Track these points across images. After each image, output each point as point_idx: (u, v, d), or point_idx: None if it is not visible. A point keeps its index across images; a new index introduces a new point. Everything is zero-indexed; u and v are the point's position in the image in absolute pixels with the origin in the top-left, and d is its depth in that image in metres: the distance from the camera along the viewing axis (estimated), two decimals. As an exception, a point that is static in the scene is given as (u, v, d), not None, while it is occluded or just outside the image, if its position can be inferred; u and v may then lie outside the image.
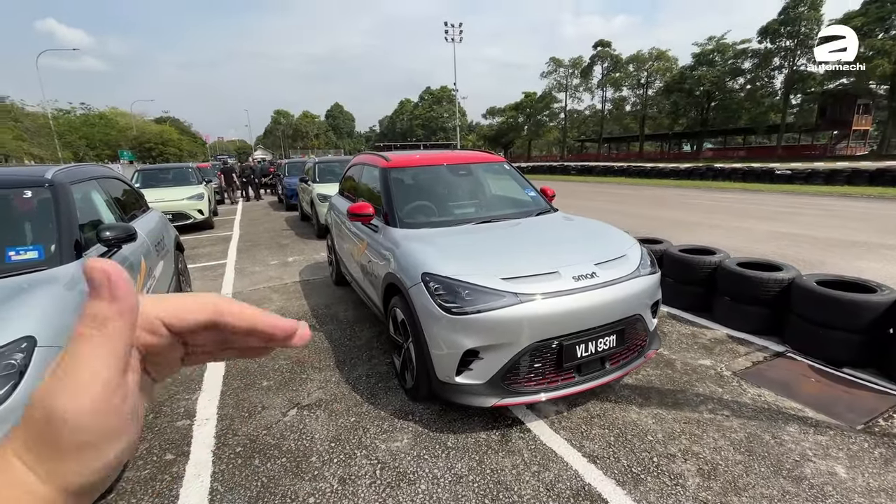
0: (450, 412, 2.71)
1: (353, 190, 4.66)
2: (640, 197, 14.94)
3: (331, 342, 3.81)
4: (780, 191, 15.18)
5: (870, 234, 7.37)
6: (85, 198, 3.12)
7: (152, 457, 2.42)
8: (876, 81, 34.89)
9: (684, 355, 3.37)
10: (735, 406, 2.69)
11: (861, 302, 3.02)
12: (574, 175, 29.22)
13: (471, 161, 4.12)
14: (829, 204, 11.50)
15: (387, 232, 3.25)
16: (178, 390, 3.10)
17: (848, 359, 3.12)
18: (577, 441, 2.42)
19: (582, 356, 2.46)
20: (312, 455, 2.38)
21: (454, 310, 2.35)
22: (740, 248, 6.61)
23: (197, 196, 9.85)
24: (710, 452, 2.29)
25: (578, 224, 3.44)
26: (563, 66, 57.64)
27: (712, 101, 45.71)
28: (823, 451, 2.28)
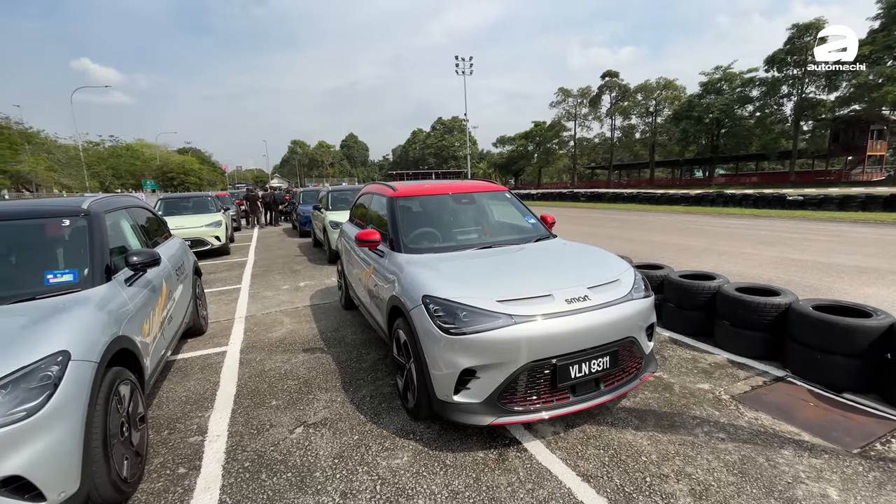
0: (449, 431, 2.79)
1: (363, 217, 4.90)
2: (648, 223, 14.99)
3: (338, 364, 3.94)
4: (792, 216, 15.08)
5: (880, 261, 7.30)
6: (115, 225, 3.39)
7: (166, 470, 2.55)
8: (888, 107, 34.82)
9: (683, 379, 3.41)
10: (731, 429, 2.73)
11: (855, 327, 3.06)
12: (583, 202, 29.40)
13: (474, 190, 4.33)
14: (842, 230, 11.40)
15: (392, 257, 3.43)
16: (192, 409, 3.25)
17: (848, 384, 3.13)
18: (572, 460, 2.48)
19: (576, 377, 2.55)
20: (317, 470, 2.48)
21: (452, 330, 2.48)
22: (745, 273, 6.62)
23: (215, 223, 10.26)
24: (703, 473, 2.33)
25: (575, 249, 3.58)
26: (571, 96, 58.94)
27: (722, 128, 45.98)
28: (817, 473, 2.30)
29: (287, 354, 4.22)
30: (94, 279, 2.65)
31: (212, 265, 9.23)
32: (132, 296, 2.86)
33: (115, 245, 3.13)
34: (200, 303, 4.93)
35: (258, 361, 4.08)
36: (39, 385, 1.82)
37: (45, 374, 1.85)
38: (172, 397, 3.44)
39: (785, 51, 39.85)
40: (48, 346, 1.94)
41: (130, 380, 2.47)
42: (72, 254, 2.83)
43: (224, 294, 6.78)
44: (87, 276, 2.65)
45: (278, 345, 4.49)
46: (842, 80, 37.03)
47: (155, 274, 3.40)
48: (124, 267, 2.99)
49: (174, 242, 4.69)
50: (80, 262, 2.73)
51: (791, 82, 40.94)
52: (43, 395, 1.80)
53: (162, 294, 3.45)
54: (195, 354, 4.31)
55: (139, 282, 3.07)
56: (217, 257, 10.30)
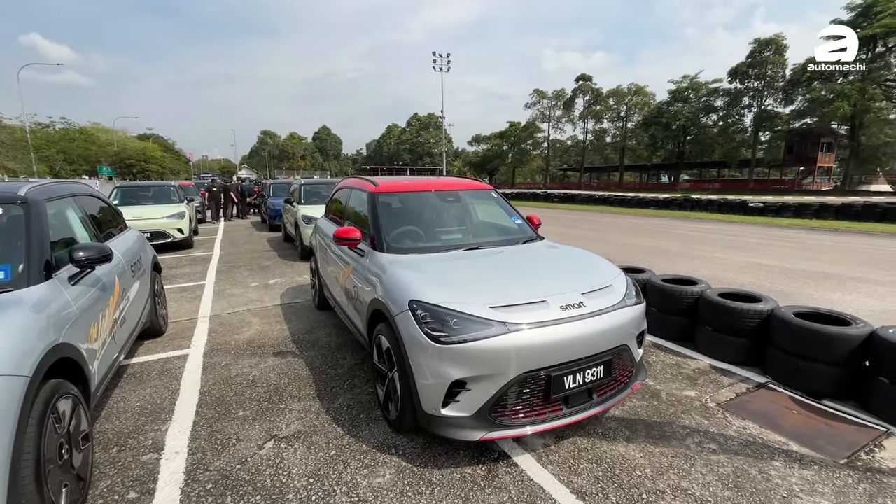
0: (435, 445, 2.62)
1: (340, 213, 4.63)
2: (622, 225, 15.29)
3: (311, 370, 3.69)
4: (754, 222, 15.75)
5: (840, 267, 7.66)
6: (59, 215, 3.00)
7: (114, 495, 2.25)
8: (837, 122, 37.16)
9: (669, 386, 3.37)
10: (721, 439, 2.68)
11: (836, 335, 3.09)
12: (557, 203, 29.82)
13: (459, 188, 4.15)
14: (801, 236, 11.97)
15: (373, 257, 3.21)
16: (147, 421, 2.93)
17: (827, 391, 3.17)
18: (565, 476, 2.35)
19: (570, 388, 2.43)
20: (289, 492, 2.24)
21: (442, 339, 2.30)
22: (719, 277, 6.77)
23: (178, 215, 9.64)
24: (699, 488, 2.25)
25: (564, 253, 3.47)
26: (546, 98, 59.79)
27: (688, 135, 47.89)
28: (810, 486, 2.27)
29: (256, 358, 3.92)
30: (31, 277, 2.30)
31: (173, 259, 8.65)
32: (77, 296, 2.52)
33: (58, 238, 2.77)
34: (159, 301, 4.53)
35: (223, 366, 3.76)
36: (-48, 407, 1.51)
37: (-41, 394, 1.54)
38: (124, 408, 3.10)
39: (747, 64, 41.83)
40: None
41: (72, 393, 2.15)
42: (4, 247, 2.45)
43: (186, 291, 6.33)
44: (22, 273, 2.30)
45: (246, 347, 4.17)
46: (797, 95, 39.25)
47: (106, 271, 3.05)
48: (68, 263, 2.63)
49: (130, 235, 4.28)
50: (13, 257, 2.37)
51: (752, 94, 43.04)
52: (-44, 420, 1.50)
53: (114, 293, 3.09)
54: (152, 358, 3.94)
55: (86, 280, 2.72)
56: (179, 251, 9.68)
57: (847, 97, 33.42)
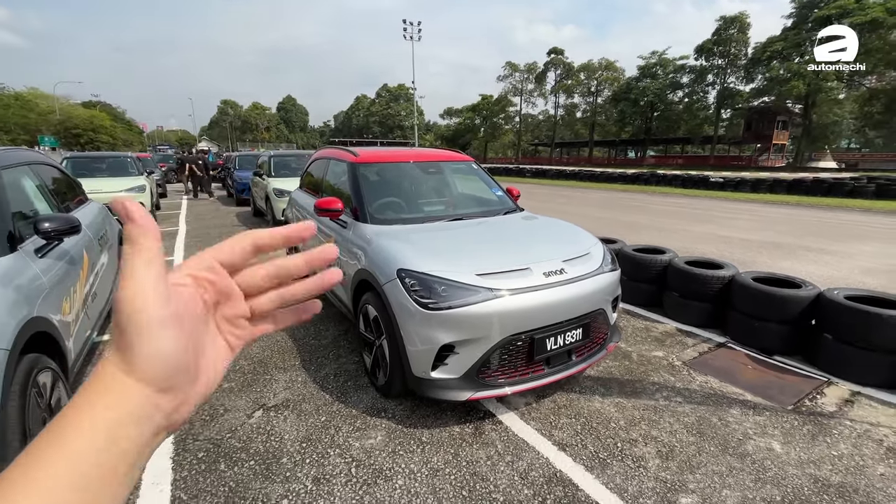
0: (422, 408, 2.72)
1: (317, 185, 4.53)
2: (592, 200, 15.68)
3: (294, 342, 3.69)
4: (715, 197, 16.52)
5: (791, 238, 8.22)
6: (15, 185, 2.81)
7: (102, 467, 2.23)
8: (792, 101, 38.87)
9: (639, 347, 3.60)
10: (686, 393, 2.92)
11: (789, 297, 3.37)
12: (529, 178, 30.07)
13: (440, 159, 4.15)
14: (757, 209, 12.68)
15: (357, 228, 3.20)
16: (127, 395, 2.87)
17: (779, 348, 3.48)
18: (547, 431, 2.52)
19: (551, 349, 2.56)
20: (283, 456, 2.30)
21: (430, 305, 2.36)
22: (684, 247, 7.13)
23: (138, 188, 9.09)
24: (667, 436, 2.47)
25: (544, 223, 3.57)
26: (518, 71, 59.19)
27: (655, 112, 48.86)
28: (762, 429, 2.53)
29: (235, 332, 3.88)
30: (-7, 248, 2.17)
31: (135, 235, 8.24)
32: (46, 269, 2.40)
33: (17, 209, 2.60)
34: (128, 277, 4.35)
35: (202, 341, 3.70)
36: (-70, 381, 1.45)
37: (-64, 367, 1.48)
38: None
39: (713, 41, 42.67)
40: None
41: (51, 367, 2.09)
42: (-41, 218, 2.29)
43: (153, 267, 6.08)
44: (-16, 245, 2.17)
45: (224, 322, 4.11)
46: (757, 73, 40.61)
47: (73, 243, 2.90)
48: (33, 235, 2.49)
49: (92, 207, 4.05)
50: (-28, 228, 2.22)
51: (716, 72, 44.15)
52: (-64, 393, 1.44)
53: (83, 266, 2.96)
54: (125, 335, 3.82)
55: (53, 253, 2.58)
56: (140, 226, 9.20)
57: (803, 77, 34.88)
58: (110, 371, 0.29)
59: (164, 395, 0.30)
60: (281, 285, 0.38)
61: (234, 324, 0.36)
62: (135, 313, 0.28)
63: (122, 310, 0.28)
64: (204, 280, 0.34)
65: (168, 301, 0.30)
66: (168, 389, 0.30)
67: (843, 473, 2.20)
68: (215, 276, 0.34)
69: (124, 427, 0.28)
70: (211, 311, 0.35)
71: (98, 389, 0.29)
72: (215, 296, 0.35)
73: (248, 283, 0.36)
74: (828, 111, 39.58)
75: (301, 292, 0.38)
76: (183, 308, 0.31)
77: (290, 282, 0.38)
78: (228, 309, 0.36)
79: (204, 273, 0.34)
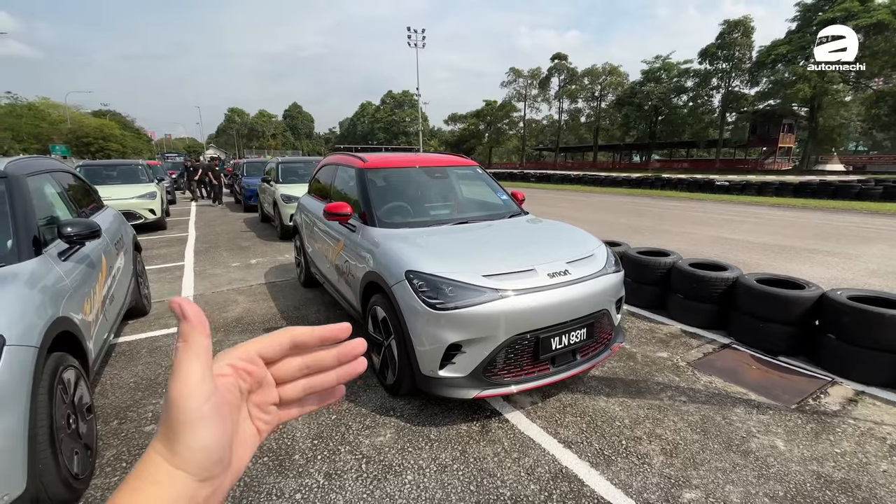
0: (430, 406, 2.78)
1: (325, 190, 4.63)
2: (597, 204, 15.71)
3: (304, 343, 3.76)
4: (720, 200, 16.48)
5: (796, 240, 8.20)
6: (39, 191, 2.92)
7: (121, 463, 2.31)
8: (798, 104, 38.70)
9: (644, 348, 3.64)
10: (690, 392, 2.96)
11: (792, 298, 3.40)
12: (533, 182, 30.15)
13: (446, 164, 4.23)
14: (762, 212, 12.65)
15: (365, 231, 3.28)
16: (144, 396, 2.96)
17: (783, 348, 3.50)
18: (553, 429, 2.57)
19: (556, 348, 2.62)
20: (295, 453, 2.37)
21: (438, 305, 2.43)
22: (689, 250, 7.15)
23: (149, 195, 9.30)
24: (671, 434, 2.51)
25: (548, 226, 3.63)
26: (522, 77, 59.47)
27: (659, 116, 48.83)
28: (765, 428, 2.56)
29: (246, 334, 3.97)
30: (21, 252, 2.27)
31: (148, 241, 8.39)
32: (68, 271, 2.50)
33: (41, 214, 2.71)
34: (142, 280, 4.47)
35: (215, 342, 3.70)
36: (-31, 375, 1.54)
37: (-25, 363, 1.57)
38: (119, 384, 3.11)
39: (717, 45, 42.67)
40: (-25, 329, 1.64)
41: (74, 365, 2.18)
42: (-12, 223, 2.40)
43: (166, 272, 6.21)
44: (12, 248, 2.27)
45: (235, 324, 4.20)
46: (762, 76, 40.51)
47: (93, 247, 3.01)
48: (56, 239, 2.60)
49: (109, 213, 4.17)
50: (0, 233, 2.33)
51: (720, 75, 44.11)
52: (-25, 387, 1.53)
53: (102, 269, 3.07)
54: (140, 337, 3.92)
55: (75, 256, 2.69)
56: (152, 232, 9.38)
57: (808, 79, 34.76)
58: (157, 461, 0.31)
59: (203, 484, 0.32)
60: (310, 374, 0.40)
61: (263, 409, 0.38)
62: (184, 409, 0.31)
63: (171, 404, 0.31)
64: (243, 371, 0.36)
65: (212, 397, 0.32)
66: (207, 479, 0.32)
67: (845, 470, 2.22)
68: (254, 367, 0.37)
69: None
70: (245, 397, 0.37)
71: (145, 477, 0.31)
72: (251, 385, 0.37)
73: (282, 373, 0.39)
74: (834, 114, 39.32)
75: (331, 381, 0.41)
76: (223, 400, 0.34)
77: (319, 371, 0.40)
78: (260, 396, 0.38)
79: (244, 364, 0.36)
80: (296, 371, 0.39)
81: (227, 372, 0.35)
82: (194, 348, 0.32)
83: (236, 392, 0.36)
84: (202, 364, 0.32)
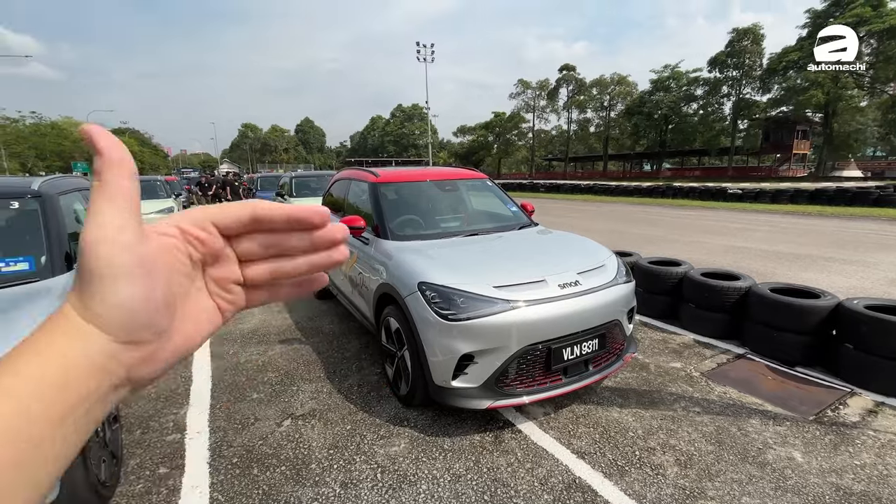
0: (443, 417, 2.81)
1: (339, 204, 4.74)
2: (607, 213, 15.66)
3: (318, 354, 3.84)
4: (733, 208, 16.30)
5: (812, 248, 8.08)
6: (69, 209, 3.07)
7: (145, 471, 2.38)
8: (812, 110, 38.25)
9: (657, 359, 3.62)
10: (704, 403, 2.94)
11: (807, 307, 3.37)
12: (543, 192, 30.16)
13: (456, 177, 4.31)
14: (777, 220, 12.47)
15: (378, 244, 3.36)
16: (165, 406, 3.05)
17: (799, 358, 3.46)
18: (566, 439, 2.58)
19: (568, 359, 2.64)
20: (312, 462, 2.41)
21: (450, 316, 2.48)
22: (701, 260, 7.10)
23: (167, 210, 9.56)
24: (685, 444, 2.50)
25: (558, 237, 3.67)
26: (530, 88, 59.90)
27: (669, 124, 48.64)
28: (782, 439, 2.54)
29: (262, 346, 4.05)
30: (55, 268, 2.40)
31: (164, 254, 8.62)
32: (97, 286, 2.62)
33: (72, 231, 2.84)
34: (162, 294, 4.60)
35: (231, 354, 3.88)
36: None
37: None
38: (141, 394, 3.21)
39: (726, 53, 42.57)
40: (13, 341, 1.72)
41: (102, 376, 2.27)
42: (23, 241, 2.53)
43: (183, 285, 6.36)
44: (46, 264, 2.39)
45: (251, 336, 4.29)
46: (773, 83, 40.21)
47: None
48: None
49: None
50: (34, 249, 2.45)
51: (730, 83, 43.89)
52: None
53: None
54: (160, 349, 4.03)
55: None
56: (169, 246, 9.63)
57: (821, 85, 34.40)
58: (70, 314, 0.27)
59: (126, 348, 0.27)
60: (281, 257, 0.35)
61: (224, 287, 0.34)
62: (96, 258, 0.26)
63: (83, 251, 0.26)
64: (193, 236, 0.31)
65: (134, 248, 0.27)
66: (131, 343, 0.28)
67: (865, 482, 2.19)
68: (206, 234, 0.32)
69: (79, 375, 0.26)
70: (199, 268, 0.33)
71: (54, 329, 0.26)
72: (205, 255, 0.32)
73: (244, 250, 0.34)
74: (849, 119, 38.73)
75: (302, 268, 0.35)
76: (157, 258, 0.29)
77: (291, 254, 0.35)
78: (219, 271, 0.33)
79: (194, 229, 0.32)
80: (259, 249, 0.34)
81: (171, 232, 0.31)
82: (108, 189, 0.27)
83: (183, 258, 0.31)
84: (117, 208, 0.27)
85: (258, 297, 0.36)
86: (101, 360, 0.27)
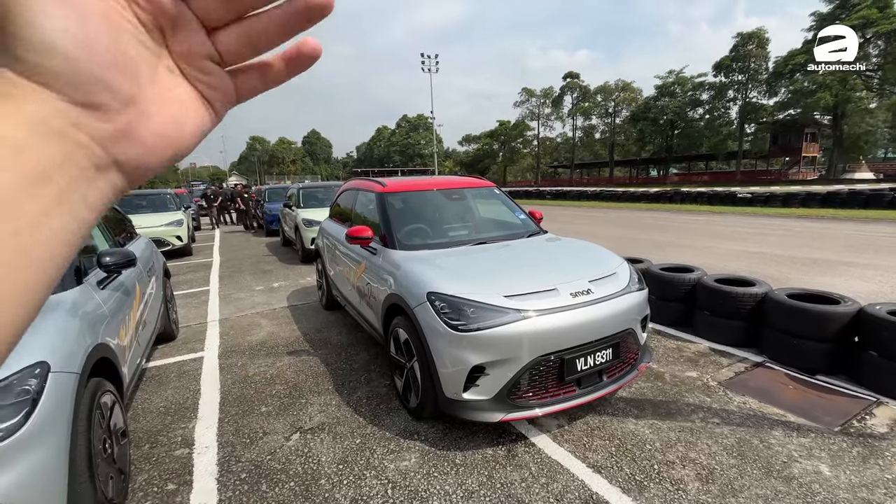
0: (454, 430, 2.75)
1: (346, 214, 4.74)
2: (615, 220, 15.54)
3: (327, 366, 3.80)
4: (743, 213, 16.10)
5: (828, 253, 7.91)
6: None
7: (152, 487, 2.35)
8: (820, 112, 37.89)
9: (672, 368, 3.53)
10: (724, 414, 2.85)
11: (827, 313, 3.28)
12: (549, 199, 30.09)
13: (463, 186, 4.29)
14: (790, 224, 12.28)
15: (386, 254, 3.33)
16: (173, 420, 3.02)
17: (820, 366, 3.35)
18: (581, 453, 2.50)
19: (581, 370, 2.57)
20: (321, 478, 2.36)
21: (460, 327, 2.44)
22: (713, 265, 6.96)
23: (176, 222, 9.67)
24: (706, 458, 2.41)
25: (568, 244, 3.62)
26: (534, 96, 60.15)
27: (675, 129, 48.45)
28: (808, 452, 2.44)
29: (271, 358, 4.02)
30: (64, 282, 2.39)
31: (174, 267, 8.67)
32: (106, 299, 2.62)
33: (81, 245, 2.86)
34: (171, 306, 4.61)
35: (240, 366, 3.86)
36: (17, 401, 1.61)
37: (22, 389, 1.64)
38: (149, 408, 3.19)
39: (731, 57, 42.46)
40: (24, 357, 1.72)
41: (110, 390, 2.26)
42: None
43: (192, 297, 6.39)
44: (56, 278, 2.39)
45: (259, 348, 4.27)
46: (780, 87, 39.96)
47: (128, 275, 3.14)
48: (95, 268, 2.73)
49: (141, 242, 4.35)
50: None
51: (736, 87, 43.70)
52: (21, 413, 1.60)
53: (136, 297, 3.19)
54: (169, 361, 4.03)
55: (112, 284, 2.81)
56: (179, 258, 9.70)
57: (828, 88, 34.09)
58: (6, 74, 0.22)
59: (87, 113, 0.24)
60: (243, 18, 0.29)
61: (199, 67, 0.29)
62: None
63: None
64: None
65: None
66: (89, 106, 0.24)
67: (899, 498, 2.09)
68: None
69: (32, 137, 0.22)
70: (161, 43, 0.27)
71: None
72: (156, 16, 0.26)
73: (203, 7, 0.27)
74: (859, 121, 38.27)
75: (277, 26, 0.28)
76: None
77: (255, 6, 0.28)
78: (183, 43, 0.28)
79: None
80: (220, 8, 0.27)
81: None
82: None
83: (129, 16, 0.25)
84: None
85: (248, 81, 0.31)
86: (57, 124, 0.23)
